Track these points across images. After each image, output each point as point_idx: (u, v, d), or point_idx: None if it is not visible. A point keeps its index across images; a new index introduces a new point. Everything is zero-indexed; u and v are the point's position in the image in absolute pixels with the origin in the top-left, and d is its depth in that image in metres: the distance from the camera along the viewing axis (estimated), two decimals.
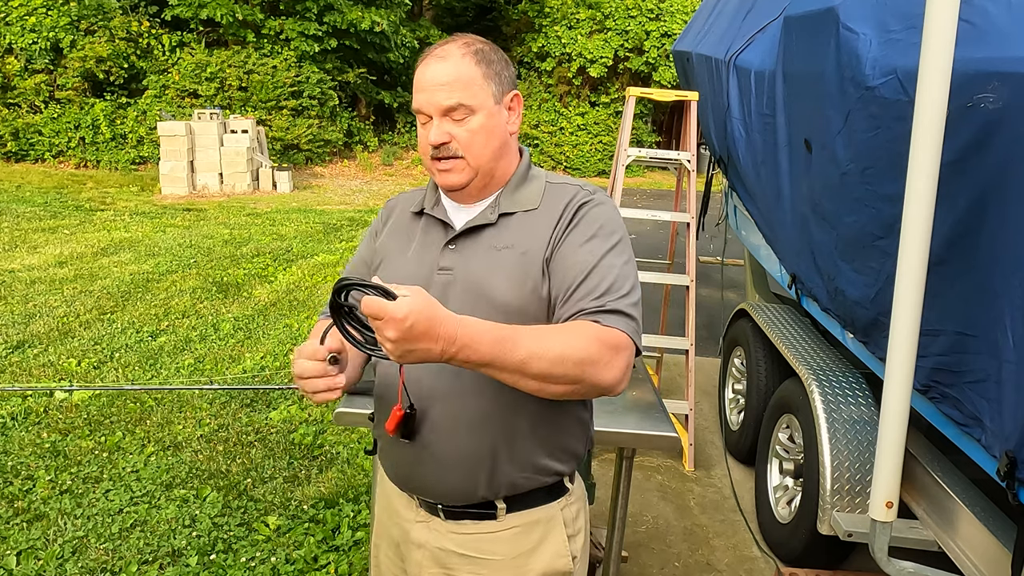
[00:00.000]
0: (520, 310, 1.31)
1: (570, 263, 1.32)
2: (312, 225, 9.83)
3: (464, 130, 1.33)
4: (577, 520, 1.48)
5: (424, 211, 1.46)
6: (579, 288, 1.29)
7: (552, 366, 1.17)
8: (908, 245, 1.89)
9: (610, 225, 1.36)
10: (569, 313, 1.29)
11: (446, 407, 1.35)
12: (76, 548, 3.03)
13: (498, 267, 1.34)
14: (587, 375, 1.20)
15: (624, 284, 1.30)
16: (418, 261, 1.42)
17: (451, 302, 1.31)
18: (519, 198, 1.41)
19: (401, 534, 1.50)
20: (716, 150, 4.64)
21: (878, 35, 2.30)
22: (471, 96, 1.32)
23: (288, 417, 4.23)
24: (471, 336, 1.11)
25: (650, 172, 16.66)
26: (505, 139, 1.40)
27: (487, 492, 1.38)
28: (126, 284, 6.69)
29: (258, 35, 14.43)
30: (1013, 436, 1.77)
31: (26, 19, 13.62)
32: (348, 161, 15.62)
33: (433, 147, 1.34)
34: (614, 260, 1.32)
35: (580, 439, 1.47)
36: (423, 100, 1.34)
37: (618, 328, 1.25)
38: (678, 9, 16.69)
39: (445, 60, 1.34)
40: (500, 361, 1.14)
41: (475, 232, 1.39)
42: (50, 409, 4.21)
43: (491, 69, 1.36)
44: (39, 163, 13.87)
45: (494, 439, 1.36)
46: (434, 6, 17.96)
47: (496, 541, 1.41)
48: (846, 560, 3.01)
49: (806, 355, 3.30)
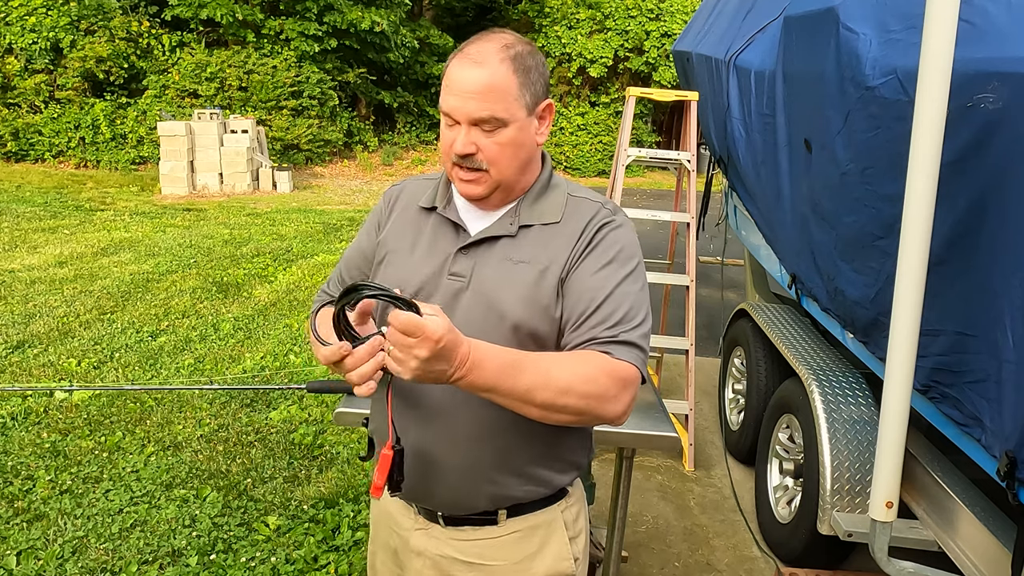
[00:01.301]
0: (530, 329, 1.28)
1: (585, 287, 1.28)
2: (312, 225, 9.83)
3: (492, 143, 1.27)
4: (578, 521, 1.47)
5: (435, 209, 1.40)
6: (592, 315, 1.26)
7: (557, 397, 1.15)
8: (908, 245, 1.89)
9: (628, 249, 1.33)
10: (579, 340, 1.26)
11: (448, 419, 1.32)
12: (76, 548, 3.02)
13: (512, 281, 1.30)
14: (592, 408, 1.19)
15: (637, 313, 1.28)
16: (427, 262, 1.36)
17: (459, 310, 1.29)
18: (539, 209, 1.36)
19: (400, 542, 1.47)
20: (716, 150, 4.64)
21: (878, 35, 2.30)
22: (504, 109, 1.25)
23: (288, 417, 4.23)
24: (477, 359, 1.09)
25: (650, 172, 16.66)
26: (533, 151, 1.34)
27: (487, 505, 1.37)
28: (126, 284, 6.69)
29: (258, 35, 14.43)
30: (1013, 436, 1.77)
31: (26, 19, 13.62)
32: (348, 161, 15.61)
33: (457, 155, 1.28)
34: (629, 287, 1.29)
35: (583, 451, 1.45)
36: (453, 105, 1.26)
37: (628, 361, 1.23)
38: (678, 9, 16.69)
39: (481, 66, 1.25)
40: (504, 387, 1.13)
41: (491, 240, 1.34)
42: (50, 409, 4.21)
43: (528, 78, 1.28)
44: (39, 163, 13.86)
45: (495, 452, 1.33)
46: (434, 6, 17.96)
47: (498, 546, 1.40)
48: (846, 560, 3.01)
49: (806, 355, 3.30)
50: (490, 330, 1.26)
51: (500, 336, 1.25)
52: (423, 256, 1.37)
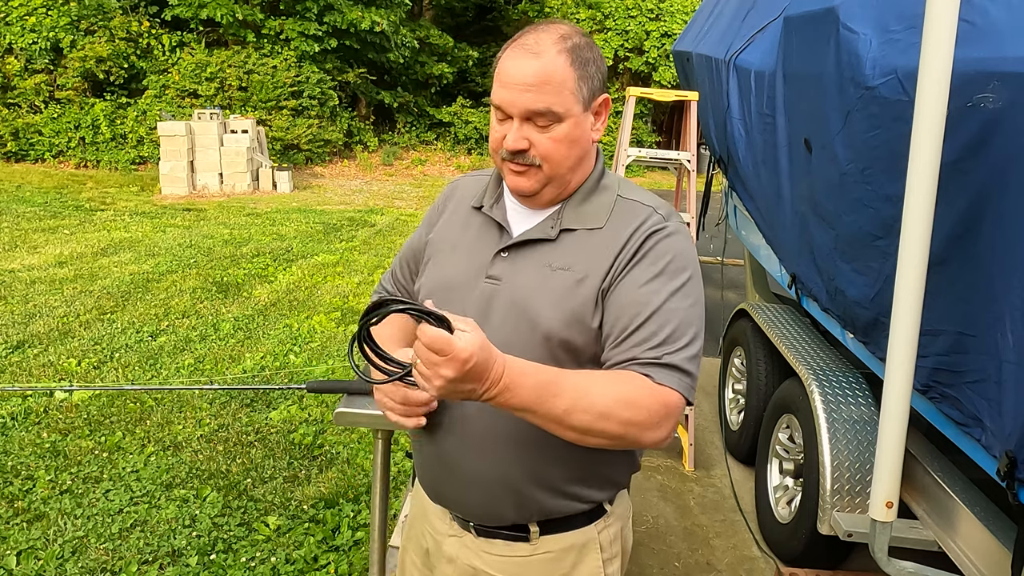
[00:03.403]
0: (562, 339, 1.21)
1: (629, 301, 1.19)
2: (312, 225, 9.83)
3: (547, 138, 1.20)
4: (615, 543, 1.40)
5: (483, 208, 1.35)
6: (635, 333, 1.17)
7: (595, 421, 1.09)
8: (908, 245, 1.89)
9: (680, 260, 1.23)
10: (620, 359, 1.18)
11: (478, 426, 1.27)
12: (76, 548, 3.02)
13: (548, 288, 1.23)
14: (631, 435, 1.13)
15: (685, 333, 1.19)
16: (467, 262, 1.31)
17: (492, 315, 1.24)
18: (584, 213, 1.27)
19: (433, 545, 1.44)
20: (716, 150, 4.64)
21: (878, 35, 2.29)
22: (560, 103, 1.19)
23: (288, 417, 4.23)
24: (513, 379, 1.04)
25: (650, 172, 16.65)
26: (587, 148, 1.28)
27: (516, 517, 1.32)
28: (126, 284, 6.69)
29: (258, 35, 14.44)
30: (1013, 436, 1.77)
31: (26, 19, 13.63)
32: (348, 161, 15.62)
33: (508, 152, 1.22)
34: (678, 303, 1.20)
35: (624, 468, 1.38)
36: (505, 99, 1.19)
37: (672, 387, 1.15)
38: (678, 9, 16.71)
39: (538, 57, 1.18)
40: (540, 410, 1.07)
41: (530, 244, 1.27)
42: (50, 409, 4.21)
43: (586, 71, 1.22)
44: (39, 163, 13.86)
45: (526, 465, 1.27)
46: (434, 6, 17.96)
47: (527, 566, 1.34)
48: (846, 560, 3.01)
49: (806, 355, 3.30)
50: (521, 338, 1.20)
51: (531, 345, 1.20)
52: (464, 256, 1.33)
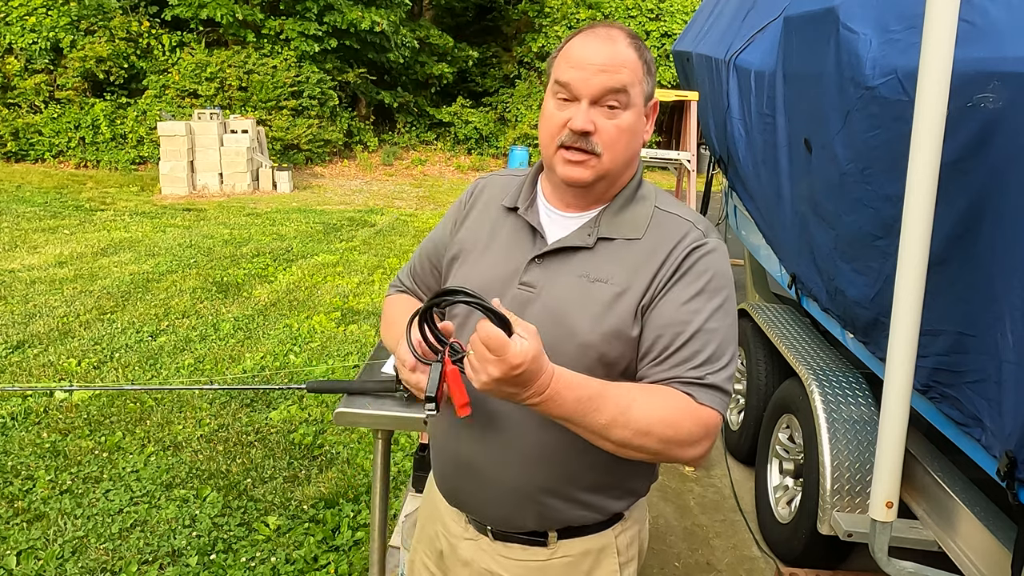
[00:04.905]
0: (600, 351, 1.21)
1: (671, 320, 1.19)
2: (312, 225, 9.83)
3: (613, 124, 1.18)
4: (631, 547, 1.40)
5: (517, 210, 1.32)
6: (677, 352, 1.18)
7: (635, 437, 1.10)
8: (908, 245, 1.89)
9: (719, 278, 1.22)
10: (661, 377, 1.18)
11: (505, 434, 1.26)
12: (76, 548, 3.02)
13: (586, 300, 1.21)
14: (669, 451, 1.14)
15: (725, 352, 1.19)
16: (500, 267, 1.29)
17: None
18: (622, 221, 1.26)
19: (448, 548, 1.43)
20: (716, 150, 4.64)
21: (878, 35, 2.30)
22: (632, 85, 1.18)
23: (288, 417, 4.23)
24: (558, 391, 1.05)
25: (650, 172, 16.61)
26: (638, 148, 1.27)
27: (537, 525, 1.32)
28: (126, 284, 6.69)
29: (258, 35, 14.43)
30: (1013, 436, 1.77)
31: (26, 19, 13.62)
32: (348, 161, 15.61)
33: (572, 132, 1.18)
34: (718, 323, 1.20)
35: (644, 479, 1.39)
36: (577, 78, 1.17)
37: (712, 407, 1.16)
38: (678, 9, 16.70)
39: (613, 42, 1.18)
40: (581, 421, 1.08)
41: (567, 252, 1.25)
42: (50, 409, 4.21)
43: (649, 69, 1.23)
44: (39, 163, 13.85)
45: (550, 478, 1.27)
46: (434, 6, 17.94)
47: (544, 570, 1.34)
48: (846, 560, 3.01)
49: (806, 355, 3.30)
50: (557, 347, 1.18)
51: (567, 354, 1.19)
52: (496, 260, 1.31)
